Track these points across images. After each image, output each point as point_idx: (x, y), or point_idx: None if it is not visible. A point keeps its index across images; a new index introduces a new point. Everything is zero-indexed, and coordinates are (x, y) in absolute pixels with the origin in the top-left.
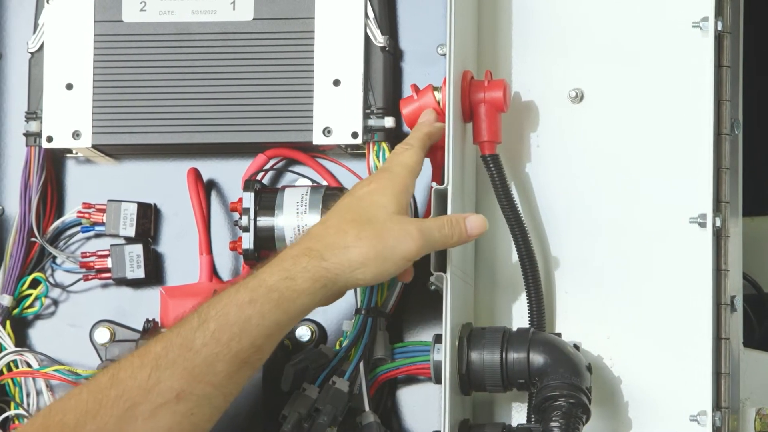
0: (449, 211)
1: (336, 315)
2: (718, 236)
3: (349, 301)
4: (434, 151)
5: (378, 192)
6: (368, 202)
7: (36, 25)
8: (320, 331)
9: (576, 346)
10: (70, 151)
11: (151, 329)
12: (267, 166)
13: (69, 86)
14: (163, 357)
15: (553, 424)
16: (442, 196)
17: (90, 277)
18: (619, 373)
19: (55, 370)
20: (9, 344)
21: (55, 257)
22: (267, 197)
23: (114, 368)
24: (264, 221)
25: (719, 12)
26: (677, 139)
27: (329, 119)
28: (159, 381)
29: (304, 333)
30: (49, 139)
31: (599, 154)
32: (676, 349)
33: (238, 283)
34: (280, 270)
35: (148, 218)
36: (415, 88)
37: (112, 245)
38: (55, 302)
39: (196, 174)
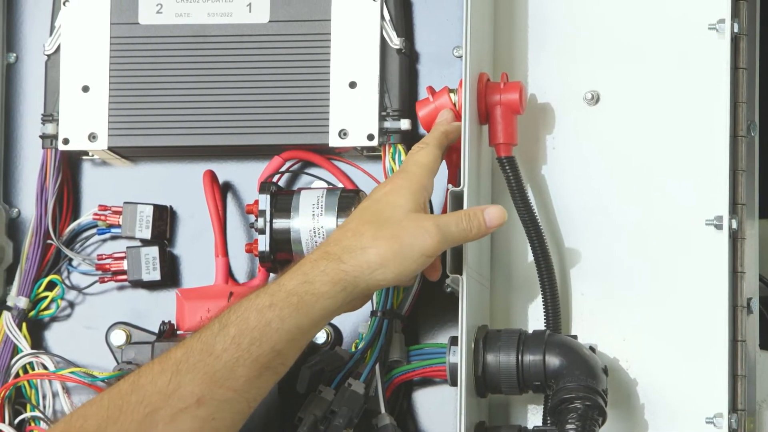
0: None
1: (352, 317)
2: (734, 238)
3: None
4: (450, 152)
5: (394, 192)
6: (385, 203)
7: (52, 28)
8: (336, 333)
9: (592, 348)
10: (86, 153)
11: (167, 331)
12: (283, 168)
13: (85, 88)
14: (183, 362)
15: (569, 426)
16: (458, 198)
17: (106, 279)
18: (635, 375)
19: (71, 372)
20: (25, 346)
21: (71, 259)
22: (283, 199)
23: (135, 374)
24: (280, 223)
25: (735, 14)
26: (693, 141)
27: (345, 121)
28: (179, 386)
29: (319, 335)
30: (66, 142)
31: (615, 156)
32: (692, 352)
33: (259, 289)
34: (300, 274)
35: (164, 220)
36: (431, 90)
37: (128, 247)
38: (71, 304)
39: (212, 176)
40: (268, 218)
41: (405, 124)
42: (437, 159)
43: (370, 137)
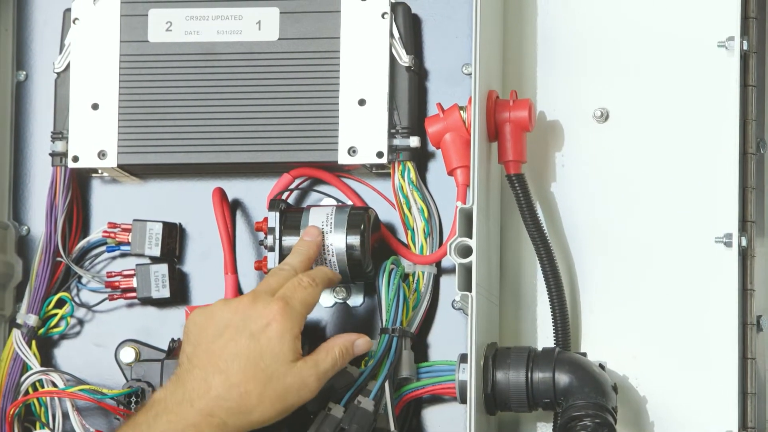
0: (474, 232)
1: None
2: (744, 256)
3: (374, 320)
4: (459, 169)
5: (277, 336)
6: (269, 352)
7: (62, 46)
8: None
9: (601, 366)
10: (95, 170)
11: (176, 349)
12: (292, 186)
13: (95, 106)
14: None
15: None
16: (467, 215)
17: (115, 296)
18: (644, 393)
19: (81, 390)
20: (35, 364)
21: (80, 277)
22: (292, 217)
23: None
24: (289, 241)
25: (745, 31)
26: (702, 158)
27: (354, 139)
28: None
29: None
30: (75, 159)
31: (624, 174)
32: (701, 369)
33: None
34: None
35: (174, 238)
36: (441, 107)
37: (137, 265)
38: (81, 322)
39: (221, 194)
40: (277, 235)
41: (414, 141)
42: (317, 301)
43: (380, 155)
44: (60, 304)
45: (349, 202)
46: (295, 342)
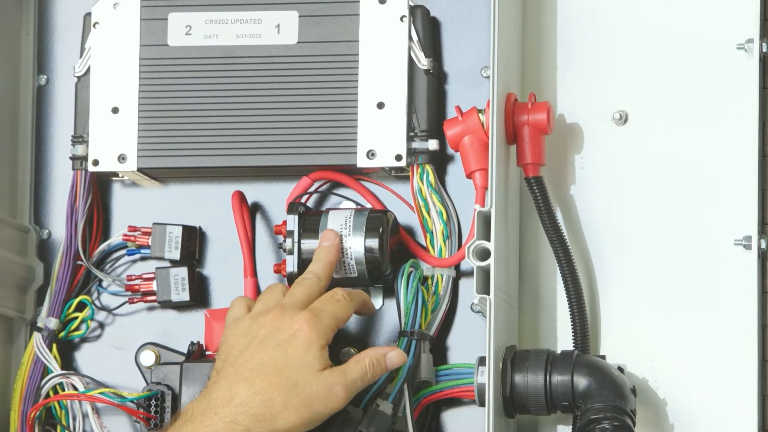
0: (492, 234)
1: (380, 337)
2: (763, 258)
3: (393, 323)
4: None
5: (303, 346)
6: (294, 362)
7: (82, 50)
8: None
9: (620, 369)
10: (116, 174)
11: (195, 352)
12: (311, 189)
13: (115, 110)
14: None
15: None
16: (485, 218)
17: (135, 299)
18: (664, 396)
19: (101, 393)
20: (55, 367)
21: (101, 280)
22: (311, 220)
23: None
24: (308, 244)
25: (764, 33)
26: (722, 160)
27: (373, 142)
28: None
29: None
30: (95, 163)
31: (643, 176)
32: (721, 372)
33: None
34: None
35: (193, 241)
36: (459, 110)
37: (157, 268)
38: (101, 325)
39: (240, 197)
40: (296, 239)
41: (433, 144)
42: (349, 318)
43: (398, 158)
44: (80, 307)
45: (368, 205)
46: (322, 352)
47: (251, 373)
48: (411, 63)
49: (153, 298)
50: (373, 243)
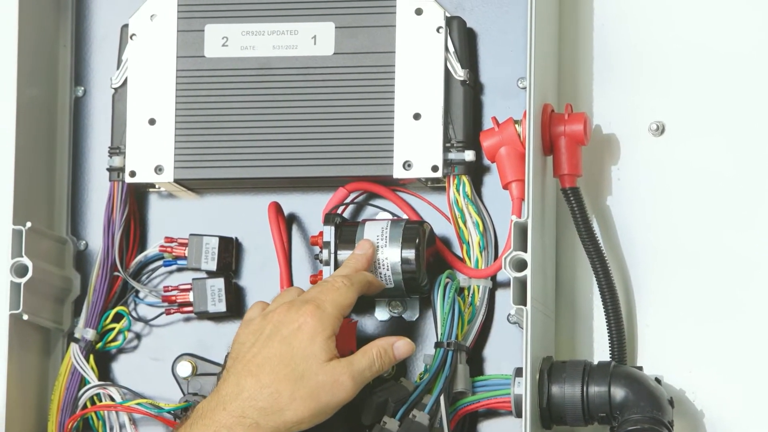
0: (529, 245)
1: (417, 348)
2: None
3: (429, 334)
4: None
5: (308, 338)
6: (300, 354)
7: (119, 61)
8: (400, 365)
9: (657, 380)
10: (152, 185)
11: None
12: (347, 200)
13: (152, 121)
14: None
15: None
16: (522, 229)
17: (172, 311)
18: (701, 407)
19: (138, 404)
20: (93, 378)
21: (137, 291)
22: (347, 231)
23: None
24: (344, 255)
25: None
26: (761, 171)
27: (409, 153)
28: None
29: None
30: (132, 174)
31: (681, 187)
32: (758, 383)
33: None
34: None
35: (230, 252)
36: (496, 121)
37: (193, 279)
38: (138, 336)
39: (277, 208)
40: (332, 250)
41: (469, 155)
42: (353, 303)
43: (435, 169)
44: (117, 318)
45: (405, 216)
46: (328, 342)
47: (258, 368)
48: (447, 74)
49: (190, 309)
50: (410, 254)
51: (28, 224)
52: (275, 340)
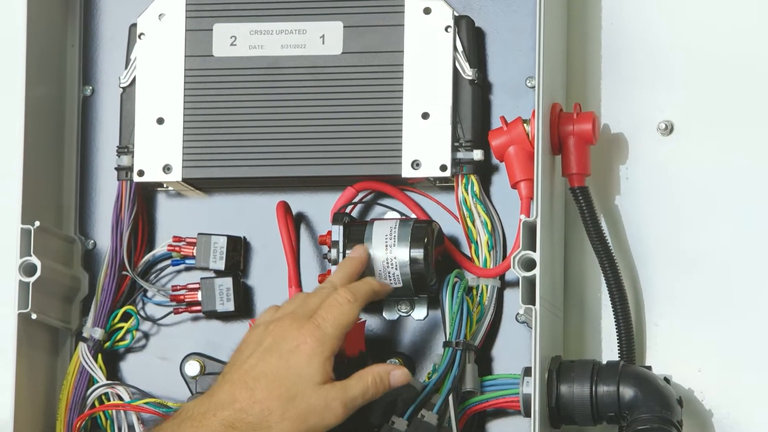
0: (538, 245)
1: (425, 348)
2: None
3: (438, 333)
4: (522, 183)
5: (306, 358)
6: (294, 373)
7: (128, 61)
8: (409, 364)
9: (666, 379)
10: (160, 185)
11: None
12: (356, 200)
13: (160, 120)
14: None
15: None
16: (530, 228)
17: (180, 310)
18: (710, 407)
19: (146, 403)
20: (101, 377)
21: (146, 290)
22: (356, 230)
23: None
24: None
25: None
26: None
27: (418, 152)
28: None
29: None
30: (140, 173)
31: (690, 187)
32: None
33: None
34: None
35: (238, 251)
36: (504, 120)
37: (202, 278)
38: (146, 335)
39: (285, 207)
40: (341, 249)
41: (478, 154)
42: (356, 319)
43: (443, 168)
44: (125, 317)
45: (413, 216)
46: (325, 364)
47: (254, 381)
48: (456, 73)
49: (198, 308)
50: (418, 253)
51: (37, 223)
52: (273, 355)
